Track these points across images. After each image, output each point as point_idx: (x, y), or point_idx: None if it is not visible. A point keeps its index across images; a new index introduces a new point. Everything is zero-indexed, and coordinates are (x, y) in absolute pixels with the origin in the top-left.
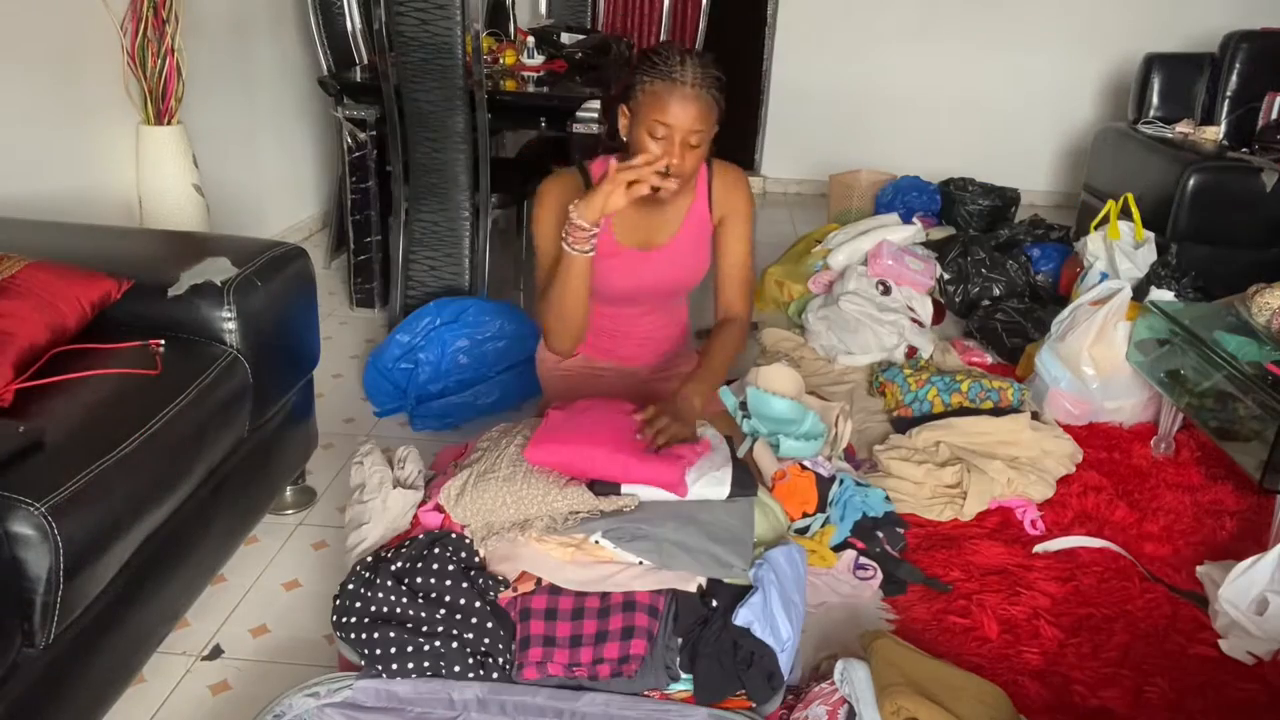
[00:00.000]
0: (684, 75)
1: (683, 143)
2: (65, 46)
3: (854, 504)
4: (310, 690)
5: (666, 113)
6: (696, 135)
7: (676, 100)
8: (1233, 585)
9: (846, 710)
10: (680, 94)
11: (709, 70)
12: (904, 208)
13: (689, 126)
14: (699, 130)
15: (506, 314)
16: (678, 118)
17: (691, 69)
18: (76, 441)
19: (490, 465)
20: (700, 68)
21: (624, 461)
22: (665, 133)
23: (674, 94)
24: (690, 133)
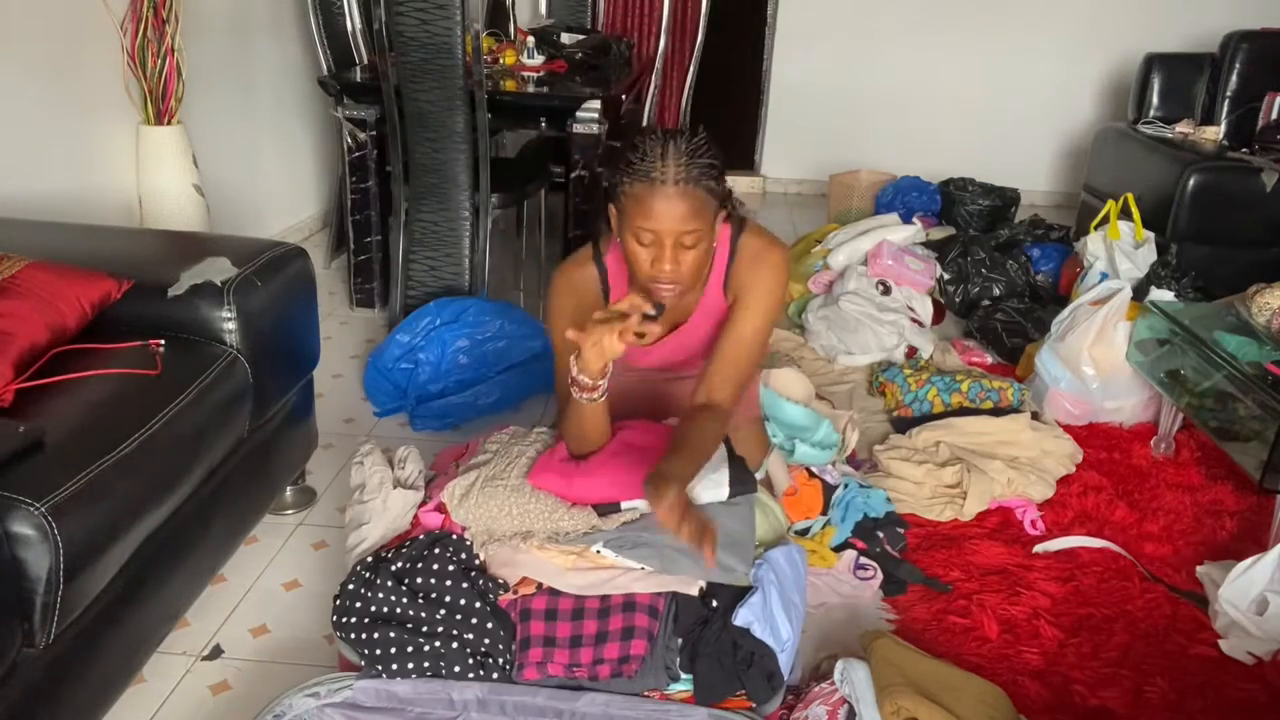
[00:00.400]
0: (664, 173)
1: (674, 246)
2: (65, 46)
3: (855, 505)
4: (310, 690)
5: (650, 217)
6: (690, 235)
7: (659, 202)
8: (1233, 585)
9: (846, 710)
10: (662, 195)
11: (696, 160)
12: (904, 208)
13: (677, 229)
14: (691, 230)
15: (506, 314)
16: (662, 221)
17: (674, 164)
18: (76, 441)
19: (499, 471)
20: (686, 159)
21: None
22: (651, 238)
23: (655, 196)
24: (680, 234)
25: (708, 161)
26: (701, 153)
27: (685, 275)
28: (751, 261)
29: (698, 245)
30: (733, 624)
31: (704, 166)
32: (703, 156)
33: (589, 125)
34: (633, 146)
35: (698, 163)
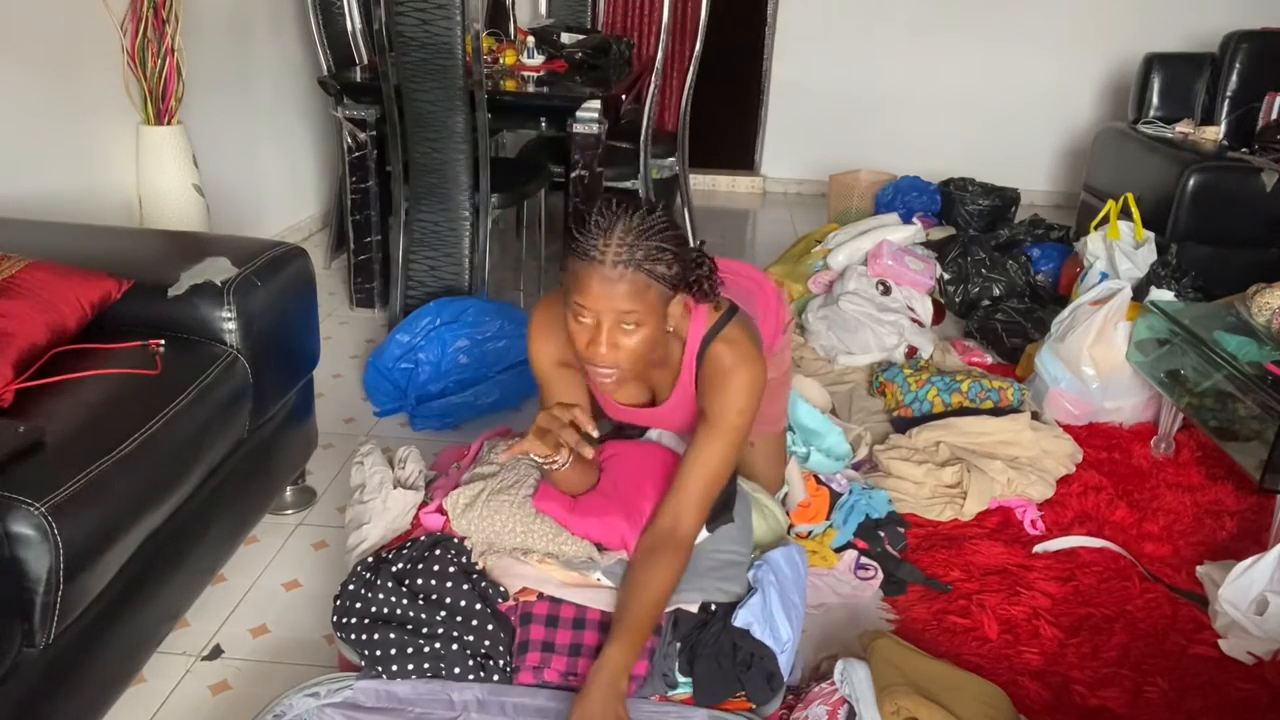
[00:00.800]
0: (604, 253)
1: (611, 329)
2: (65, 46)
3: (858, 508)
4: (310, 690)
5: (585, 295)
6: (628, 318)
7: (595, 282)
8: (1233, 585)
9: (846, 710)
10: (599, 275)
11: (643, 242)
12: (904, 208)
13: (612, 310)
14: (628, 312)
15: (506, 314)
16: (597, 301)
17: (616, 244)
18: (76, 441)
19: (505, 486)
20: (631, 239)
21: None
22: (589, 317)
23: (593, 275)
24: (617, 316)
25: (656, 244)
26: (652, 234)
27: (623, 360)
28: (717, 379)
29: (639, 330)
30: (732, 625)
31: (651, 249)
32: (652, 238)
33: (589, 125)
34: (581, 220)
35: (644, 244)
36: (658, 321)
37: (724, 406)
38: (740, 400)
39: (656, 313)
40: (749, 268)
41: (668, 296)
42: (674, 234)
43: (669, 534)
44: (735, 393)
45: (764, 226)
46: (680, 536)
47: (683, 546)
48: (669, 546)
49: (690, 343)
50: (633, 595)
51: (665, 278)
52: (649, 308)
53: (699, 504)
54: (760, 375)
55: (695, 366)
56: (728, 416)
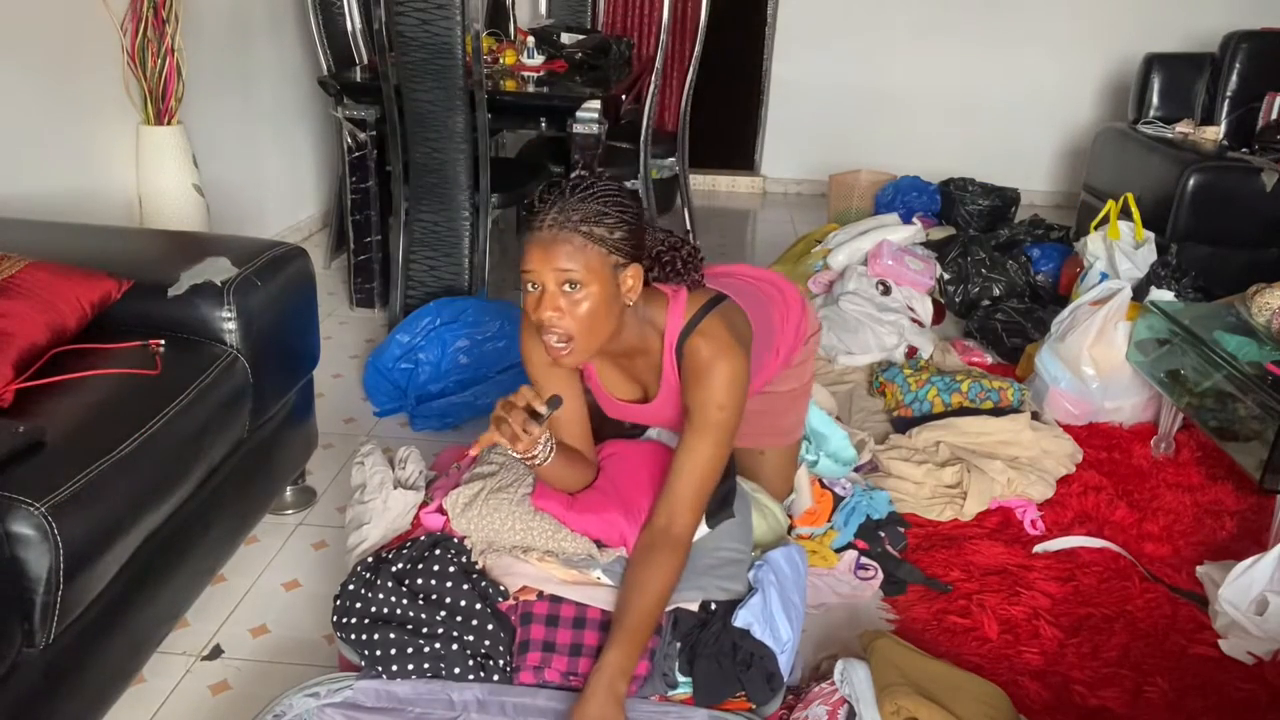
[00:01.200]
0: (540, 220)
1: (554, 292)
2: (65, 46)
3: (859, 509)
4: (310, 690)
5: (526, 260)
6: (569, 275)
7: (532, 246)
8: (1233, 585)
9: (846, 710)
10: (536, 239)
11: (581, 205)
12: (904, 208)
13: (552, 269)
14: (567, 270)
15: (506, 314)
16: (534, 264)
17: (554, 210)
18: (76, 441)
19: (505, 485)
20: (570, 204)
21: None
22: (533, 282)
23: (531, 241)
24: (558, 276)
25: (596, 207)
26: (591, 199)
27: (573, 326)
28: (697, 374)
29: (583, 292)
30: (732, 625)
31: (591, 213)
32: (591, 202)
33: (589, 125)
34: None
35: (581, 207)
36: (604, 288)
37: (704, 402)
38: (719, 395)
39: (599, 276)
40: (777, 276)
41: (613, 262)
42: (619, 201)
43: (664, 533)
44: (713, 388)
45: (764, 226)
46: (676, 535)
47: (679, 544)
48: (665, 545)
49: (668, 335)
50: (631, 597)
51: (606, 240)
52: (589, 268)
53: (692, 503)
54: (740, 368)
55: (675, 360)
56: (708, 412)
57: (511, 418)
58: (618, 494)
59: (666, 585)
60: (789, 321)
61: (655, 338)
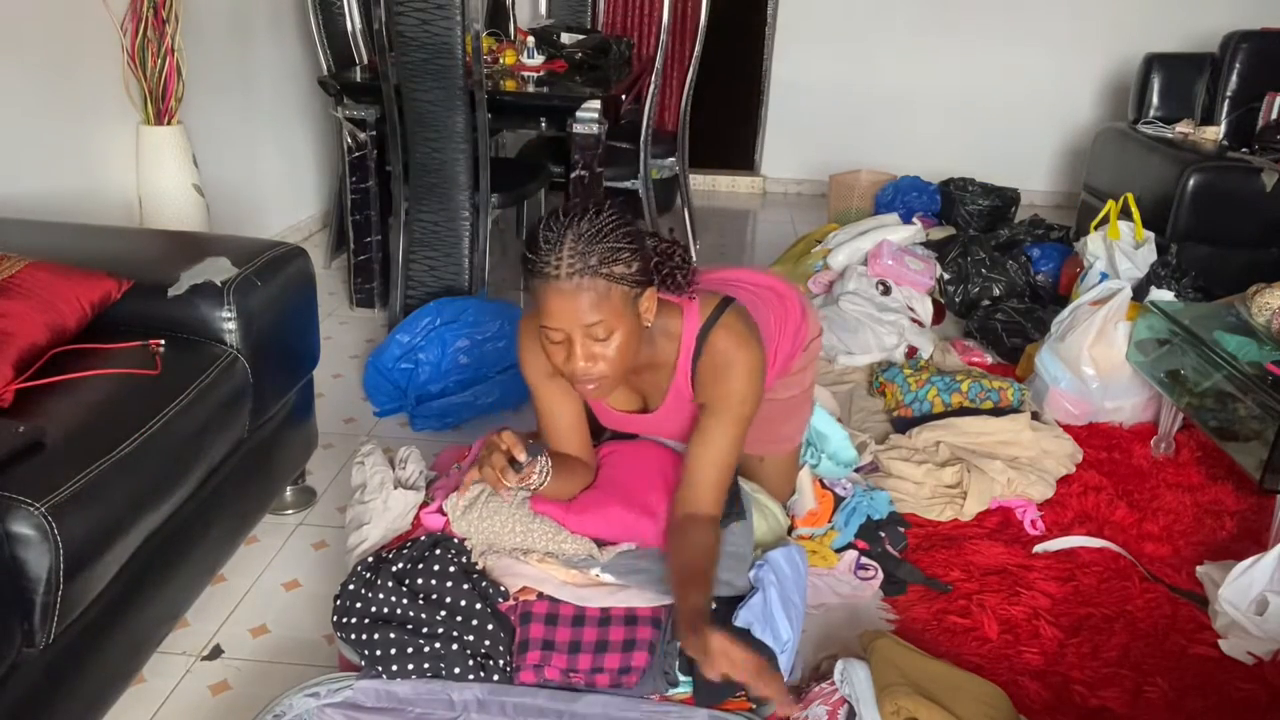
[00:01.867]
0: (556, 267)
1: (584, 342)
2: (65, 46)
3: (860, 509)
4: (310, 690)
5: (549, 316)
6: (600, 327)
7: (554, 300)
8: (1233, 585)
9: (846, 710)
10: (556, 292)
11: (595, 247)
12: (904, 208)
13: (578, 323)
14: (595, 322)
15: (506, 314)
16: (562, 319)
17: (568, 256)
18: (76, 441)
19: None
20: (582, 247)
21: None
22: (559, 336)
23: (549, 293)
24: (585, 329)
25: (608, 246)
26: (602, 236)
27: (607, 369)
28: (717, 369)
29: (612, 336)
30: (732, 625)
31: (604, 252)
32: (603, 240)
33: (589, 125)
34: (531, 238)
35: (596, 249)
36: (629, 323)
37: (726, 393)
38: (742, 387)
39: (624, 315)
40: (778, 280)
41: (634, 295)
42: (626, 230)
43: (694, 517)
44: (736, 380)
45: (764, 226)
46: (703, 514)
47: (709, 521)
48: (695, 521)
49: (685, 340)
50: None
51: (626, 278)
52: (615, 312)
53: (713, 492)
54: (759, 360)
55: (691, 364)
56: (730, 404)
57: (491, 462)
58: (618, 490)
59: (710, 543)
60: (786, 328)
61: (669, 346)
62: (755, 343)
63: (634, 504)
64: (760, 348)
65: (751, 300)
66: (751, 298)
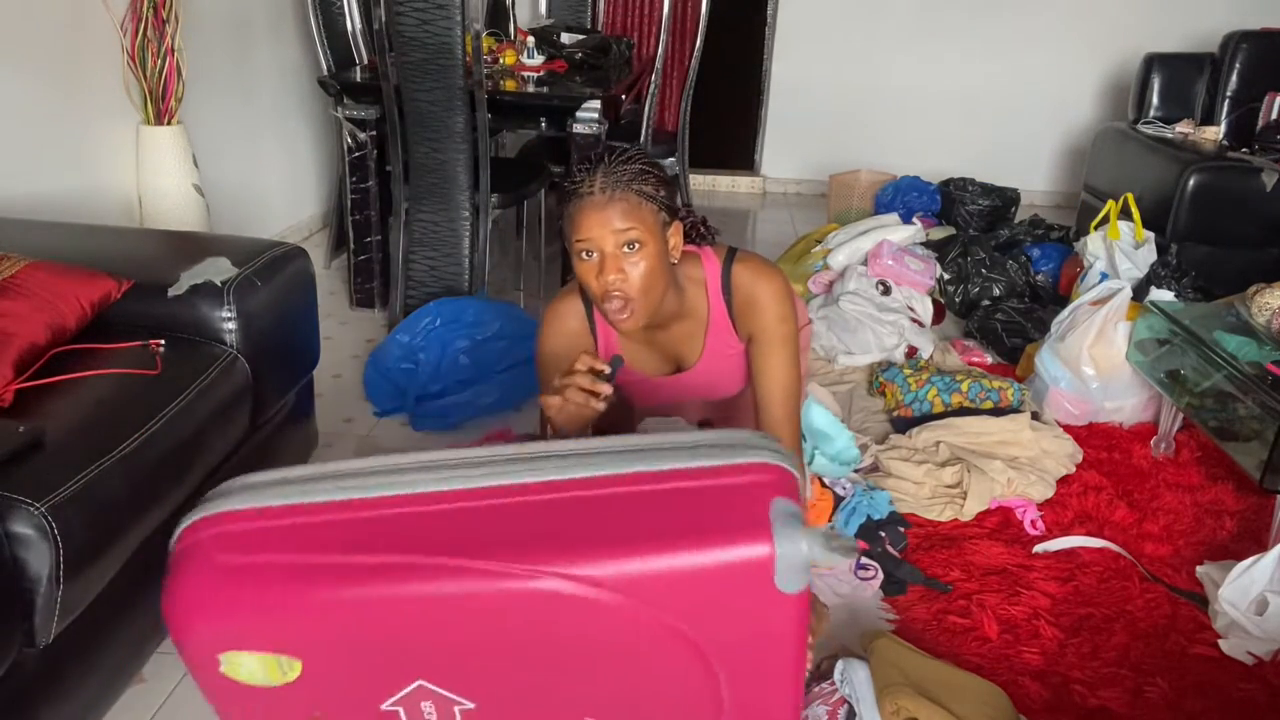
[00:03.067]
0: (590, 185)
1: (614, 255)
2: (65, 46)
3: (860, 509)
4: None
5: (581, 229)
6: (629, 235)
7: (586, 213)
8: (1233, 585)
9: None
10: (590, 205)
11: (625, 167)
12: (904, 208)
13: (611, 231)
14: (627, 229)
15: (506, 314)
16: (593, 230)
17: (601, 175)
18: (76, 441)
19: None
20: (614, 167)
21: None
22: (591, 248)
23: (583, 208)
24: (618, 238)
25: (639, 168)
26: (632, 160)
27: (634, 287)
28: (750, 297)
29: (641, 252)
30: None
31: (635, 172)
32: (633, 163)
33: (589, 125)
34: (567, 170)
35: (627, 169)
36: (658, 245)
37: (766, 321)
38: (778, 307)
39: (655, 234)
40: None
41: (664, 220)
42: (654, 162)
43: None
44: (770, 302)
45: (764, 226)
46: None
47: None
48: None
49: (710, 281)
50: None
51: (655, 198)
52: (646, 226)
53: (791, 424)
54: (783, 280)
55: (725, 301)
56: (773, 327)
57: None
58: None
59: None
60: None
61: (697, 292)
62: (773, 268)
63: None
64: (779, 271)
65: None
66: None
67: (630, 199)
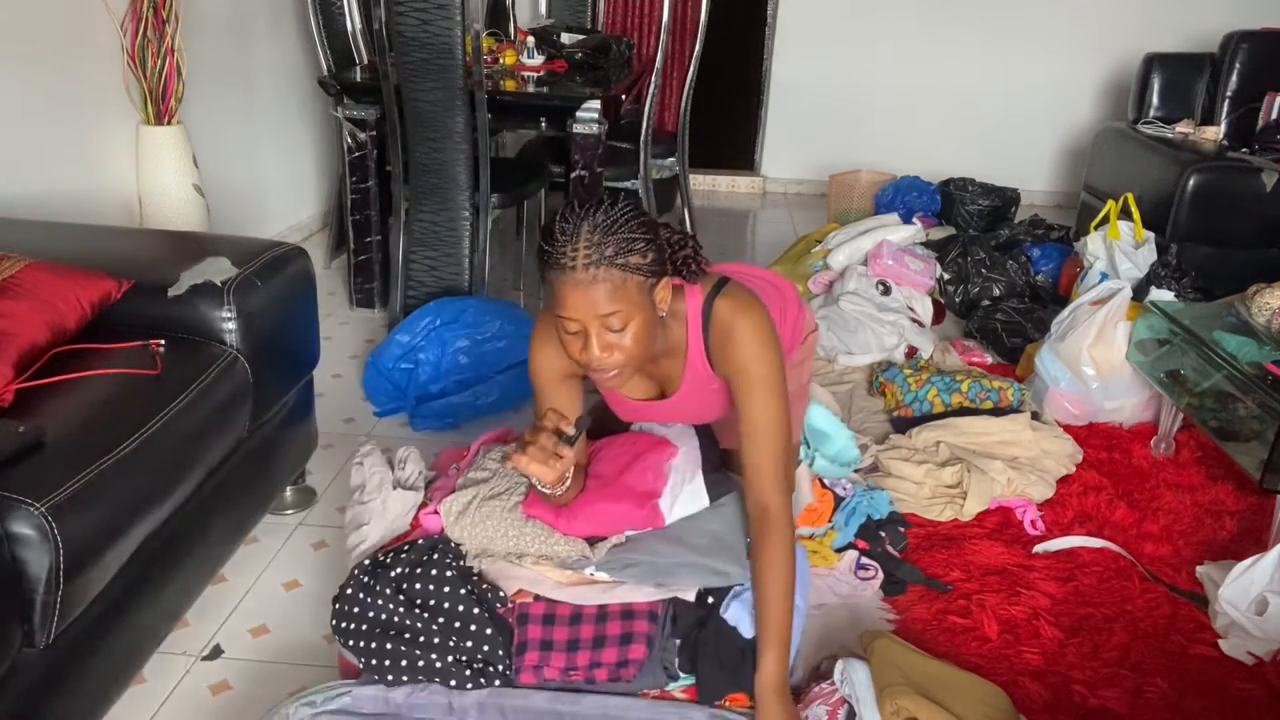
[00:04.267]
0: (572, 258)
1: (600, 333)
2: (65, 46)
3: (860, 509)
4: (306, 700)
5: (565, 307)
6: (614, 318)
7: (570, 291)
8: (1233, 585)
9: (846, 710)
10: (573, 283)
11: (610, 238)
12: (904, 208)
13: (595, 314)
14: (612, 312)
15: (506, 314)
16: (577, 309)
17: (584, 247)
18: (76, 441)
19: (498, 492)
20: (598, 238)
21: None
22: (575, 327)
23: (566, 284)
24: (602, 319)
25: (624, 236)
26: (617, 227)
27: (624, 359)
28: (725, 336)
29: (628, 325)
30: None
31: (620, 243)
32: (619, 231)
33: (589, 125)
34: (547, 230)
35: (611, 239)
36: (645, 313)
37: (743, 360)
38: (754, 348)
39: (641, 305)
40: (774, 275)
41: (649, 285)
42: (641, 221)
43: (761, 520)
44: (745, 342)
45: (764, 226)
46: (773, 517)
47: (778, 523)
48: (766, 531)
49: (690, 316)
50: (763, 606)
51: (641, 268)
52: (632, 302)
53: (773, 473)
54: (763, 318)
55: (703, 338)
56: (750, 368)
57: (541, 441)
58: (601, 485)
59: (786, 575)
60: (786, 319)
61: (678, 327)
62: (757, 305)
63: (617, 494)
64: (762, 307)
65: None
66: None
67: (614, 277)
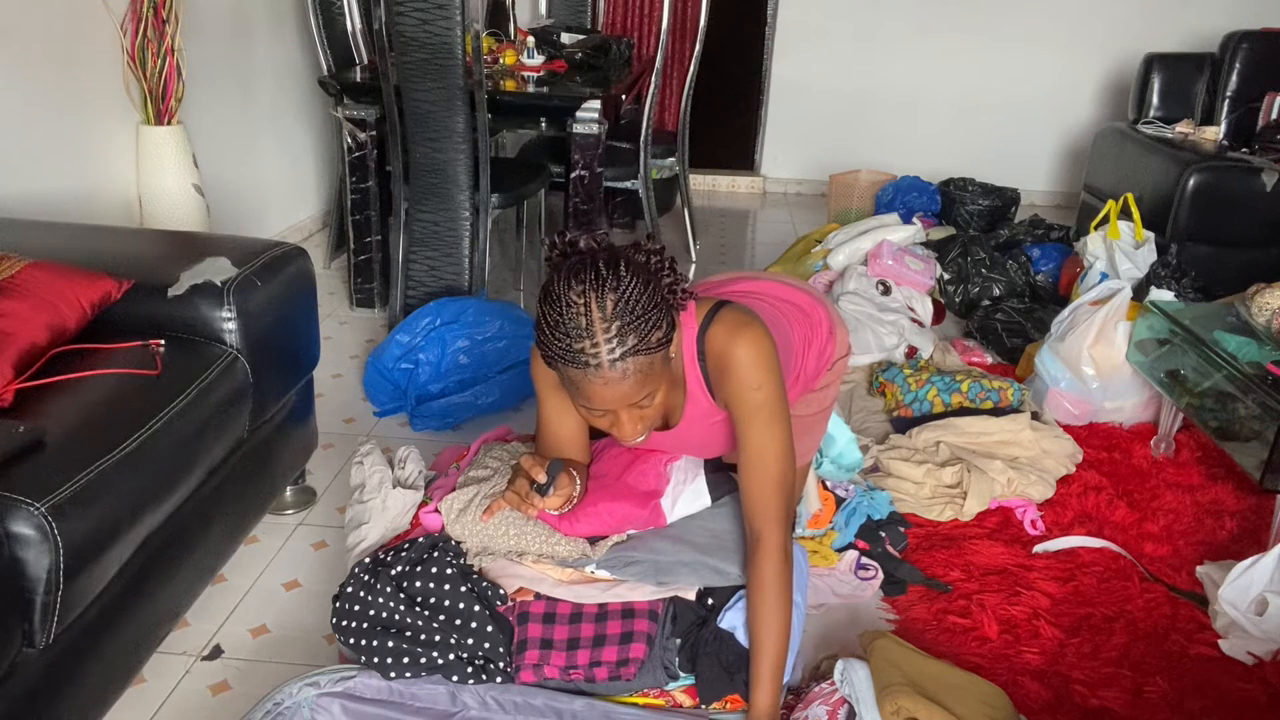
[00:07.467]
0: (594, 355)
1: (630, 412)
2: (65, 46)
3: (860, 510)
4: (310, 680)
5: (594, 400)
6: (644, 398)
7: (598, 389)
8: (1233, 585)
9: (846, 710)
10: (600, 381)
11: (631, 326)
12: (904, 208)
13: (625, 403)
14: (642, 395)
15: (506, 314)
16: (608, 403)
17: (604, 343)
18: (76, 441)
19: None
20: (618, 328)
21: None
22: (606, 415)
23: (592, 383)
24: (631, 403)
25: (641, 319)
26: (632, 312)
27: (651, 425)
28: (721, 364)
29: (649, 404)
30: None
31: (639, 329)
32: (634, 313)
33: (589, 125)
34: (553, 326)
35: (632, 329)
36: (668, 376)
37: (739, 389)
38: (750, 376)
39: (664, 371)
40: (806, 298)
41: (666, 355)
42: (645, 288)
43: (759, 547)
44: (741, 371)
45: (764, 226)
46: (771, 543)
47: (776, 551)
48: (764, 557)
49: (686, 347)
50: (758, 635)
51: (663, 341)
52: (658, 376)
53: (771, 501)
54: (760, 339)
55: (700, 368)
56: (746, 398)
57: (516, 487)
58: (602, 484)
59: (782, 606)
60: (812, 347)
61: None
62: (753, 324)
63: (618, 494)
64: (759, 327)
65: (772, 315)
66: (773, 312)
67: (642, 364)
